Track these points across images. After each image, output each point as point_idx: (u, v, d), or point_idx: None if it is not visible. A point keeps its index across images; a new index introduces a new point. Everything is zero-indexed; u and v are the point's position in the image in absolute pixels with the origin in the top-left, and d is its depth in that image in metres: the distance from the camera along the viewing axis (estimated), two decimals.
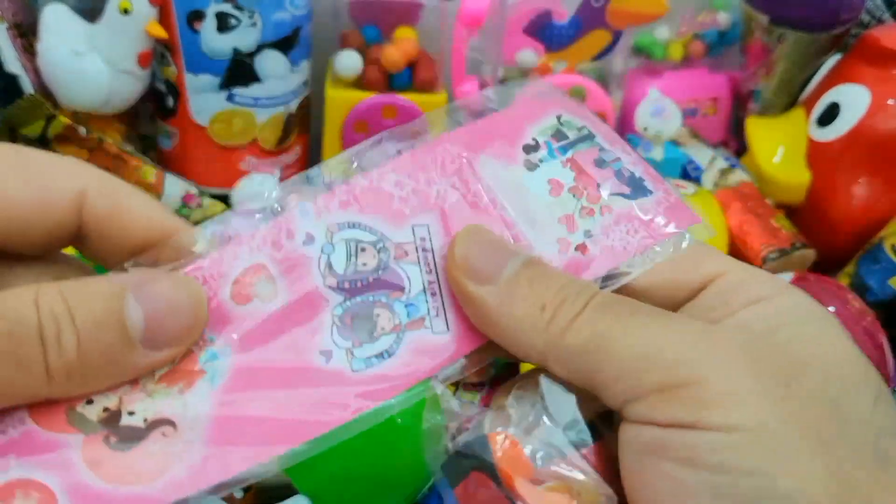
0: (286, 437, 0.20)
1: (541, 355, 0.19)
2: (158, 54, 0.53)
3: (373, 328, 0.21)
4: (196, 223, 0.61)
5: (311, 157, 0.61)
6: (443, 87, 0.57)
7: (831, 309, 0.42)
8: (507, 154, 0.23)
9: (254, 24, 0.51)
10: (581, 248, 0.22)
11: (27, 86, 0.49)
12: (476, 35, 0.54)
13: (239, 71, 0.52)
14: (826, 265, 0.52)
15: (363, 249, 0.22)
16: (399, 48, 0.54)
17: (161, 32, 0.51)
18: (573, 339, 0.18)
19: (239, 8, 0.50)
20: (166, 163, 0.57)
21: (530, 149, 0.24)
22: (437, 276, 0.22)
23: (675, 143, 0.58)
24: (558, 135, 0.24)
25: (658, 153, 0.57)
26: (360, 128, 0.55)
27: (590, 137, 0.24)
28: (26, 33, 0.49)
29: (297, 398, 0.20)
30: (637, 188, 0.23)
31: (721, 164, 0.56)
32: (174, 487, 0.19)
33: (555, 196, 0.23)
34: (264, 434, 0.20)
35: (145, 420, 0.19)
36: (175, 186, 0.55)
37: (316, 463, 0.41)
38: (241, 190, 0.57)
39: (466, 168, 0.23)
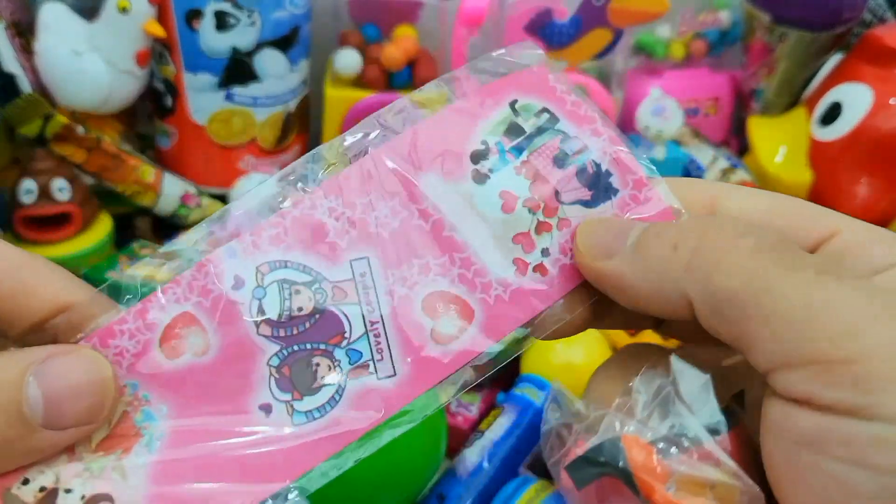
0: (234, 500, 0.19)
1: (683, 303, 0.17)
2: (157, 53, 0.53)
3: (312, 379, 0.19)
4: (194, 223, 0.61)
5: None
6: None
7: None
8: (453, 167, 0.21)
9: (253, 23, 0.51)
10: (539, 269, 0.20)
11: (25, 85, 0.49)
12: (476, 34, 0.53)
13: (238, 70, 0.52)
14: None
15: (297, 292, 0.20)
16: (399, 47, 0.54)
17: (159, 31, 0.50)
18: (723, 281, 0.16)
19: (238, 7, 0.50)
20: (165, 162, 0.57)
21: (479, 156, 0.21)
22: (381, 314, 0.20)
23: (676, 142, 0.57)
24: (512, 130, 0.21)
25: (660, 153, 0.57)
26: None
27: (550, 124, 0.22)
28: (24, 32, 0.49)
29: (237, 460, 0.19)
30: (600, 189, 0.21)
31: (723, 163, 0.56)
32: None
33: (508, 213, 0.21)
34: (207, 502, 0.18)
35: (83, 497, 0.18)
36: (174, 186, 0.55)
37: None
38: (240, 190, 0.57)
39: (408, 187, 0.21)
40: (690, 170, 0.57)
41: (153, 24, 0.50)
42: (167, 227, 0.58)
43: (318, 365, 0.19)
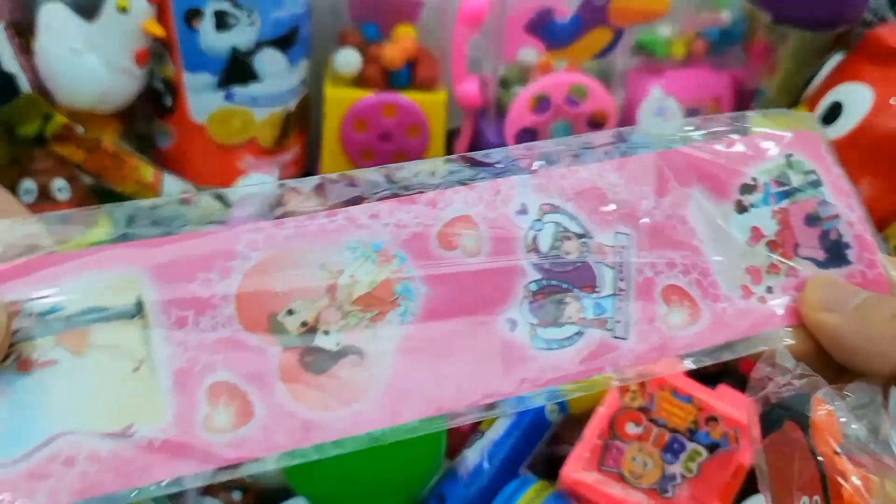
0: (454, 400, 0.21)
1: (889, 364, 0.21)
2: (156, 53, 0.53)
3: (559, 314, 0.22)
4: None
5: (310, 156, 0.60)
6: (443, 85, 0.56)
7: None
8: (721, 190, 0.24)
9: (252, 23, 0.51)
10: (761, 300, 0.23)
11: (24, 85, 0.49)
12: (476, 33, 0.53)
13: (237, 69, 0.52)
14: None
15: (568, 238, 0.23)
16: (399, 46, 0.54)
17: (159, 31, 0.50)
18: None
19: (237, 6, 0.50)
20: (164, 162, 0.57)
21: (747, 189, 0.24)
22: (629, 286, 0.23)
23: None
24: (781, 178, 0.25)
25: None
26: (360, 126, 0.55)
27: (814, 185, 0.25)
28: (23, 32, 0.49)
29: (474, 355, 0.21)
30: (835, 256, 0.24)
31: None
32: (360, 422, 0.20)
33: (751, 245, 0.24)
34: (435, 390, 0.20)
35: (337, 344, 0.20)
36: (173, 186, 0.55)
37: (315, 465, 0.41)
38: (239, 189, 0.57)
39: (677, 193, 0.24)
40: None
41: (152, 23, 0.50)
42: None
43: (567, 304, 0.22)
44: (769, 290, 0.23)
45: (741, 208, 0.24)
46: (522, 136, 0.55)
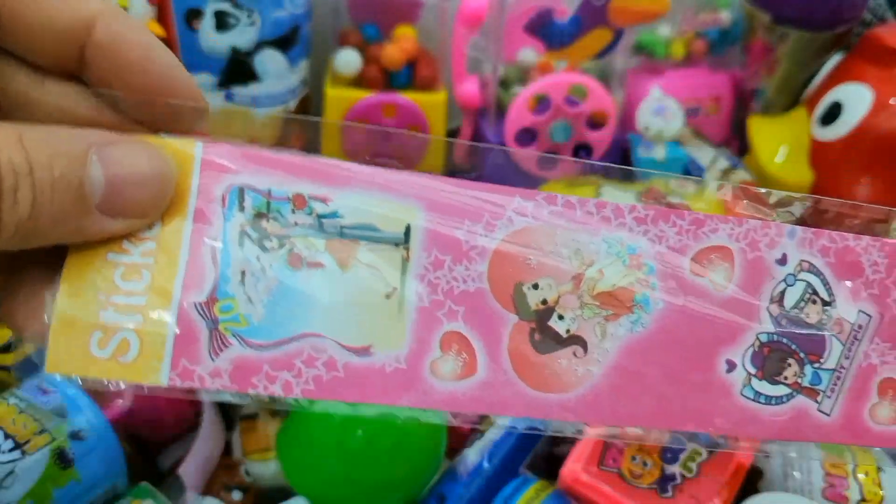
0: (652, 417, 0.21)
1: None
2: None
3: (778, 372, 0.22)
4: None
5: None
6: (443, 85, 0.56)
7: None
8: None
9: (252, 23, 0.51)
10: None
11: None
12: (476, 33, 0.53)
13: (237, 70, 0.52)
14: None
15: (814, 302, 0.23)
16: (399, 46, 0.54)
17: (159, 31, 0.50)
18: None
19: (237, 6, 0.50)
20: None
21: None
22: (850, 365, 0.23)
23: (676, 142, 0.57)
24: None
25: (660, 153, 0.57)
26: None
27: None
28: None
29: (684, 382, 0.21)
30: None
31: (723, 164, 0.56)
32: (562, 411, 0.20)
33: None
34: (638, 404, 0.21)
35: (567, 331, 0.21)
36: None
37: (315, 464, 0.41)
38: None
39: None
40: (691, 170, 0.57)
41: (152, 24, 0.50)
42: None
43: (789, 365, 0.22)
44: None
45: None
46: (522, 136, 0.55)
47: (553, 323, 0.21)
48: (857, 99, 0.52)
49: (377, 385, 0.20)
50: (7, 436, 0.35)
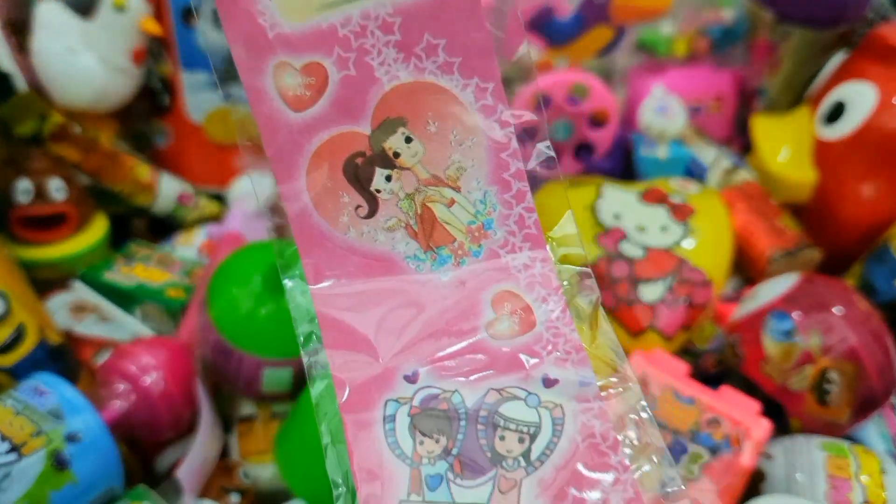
0: None
1: None
2: (153, 51, 0.52)
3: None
4: (191, 223, 0.61)
5: None
6: None
7: (837, 310, 0.41)
8: None
9: None
10: None
11: (21, 84, 0.49)
12: None
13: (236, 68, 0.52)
14: (832, 266, 0.52)
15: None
16: None
17: (156, 29, 0.50)
18: None
19: None
20: (161, 161, 0.57)
21: None
22: None
23: (679, 141, 0.57)
24: None
25: (662, 152, 0.56)
26: None
27: None
28: (20, 31, 0.49)
29: None
30: None
31: (725, 162, 0.56)
32: None
33: None
34: None
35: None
36: (170, 186, 0.55)
37: (313, 467, 0.40)
38: (238, 189, 0.57)
39: None
40: (693, 169, 0.57)
41: (149, 21, 0.50)
42: (164, 227, 0.57)
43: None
44: None
45: None
46: (522, 136, 0.55)
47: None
48: (860, 98, 0.51)
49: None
50: (3, 438, 0.34)
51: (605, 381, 0.28)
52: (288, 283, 0.30)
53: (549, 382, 0.28)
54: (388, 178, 0.30)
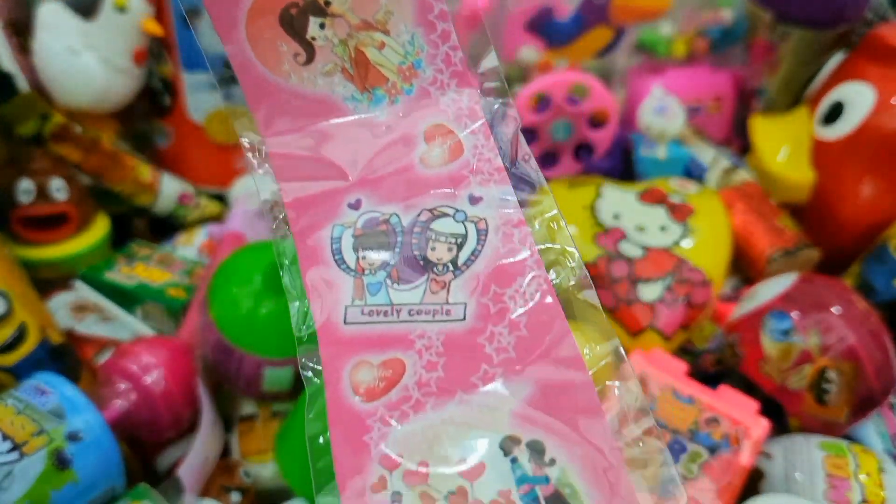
0: None
1: None
2: (154, 52, 0.53)
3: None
4: (192, 223, 0.61)
5: None
6: None
7: (836, 310, 0.41)
8: None
9: None
10: None
11: (22, 84, 0.49)
12: (475, 31, 0.53)
13: None
14: (831, 266, 0.52)
15: None
16: None
17: (157, 29, 0.50)
18: None
19: None
20: (162, 161, 0.57)
21: None
22: None
23: (678, 141, 0.57)
24: None
25: (661, 152, 0.56)
26: None
27: None
28: (21, 31, 0.49)
29: None
30: None
31: (724, 163, 0.56)
32: None
33: None
34: None
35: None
36: (171, 186, 0.55)
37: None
38: (238, 189, 0.57)
39: None
40: (692, 169, 0.57)
41: (150, 22, 0.50)
42: (165, 227, 0.57)
43: None
44: None
45: None
46: (522, 136, 0.55)
47: None
48: (859, 98, 0.51)
49: None
50: (5, 437, 0.34)
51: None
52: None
53: (474, 200, 0.32)
54: (322, 26, 0.32)
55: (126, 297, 0.49)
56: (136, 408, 0.40)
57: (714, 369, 0.46)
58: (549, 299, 0.29)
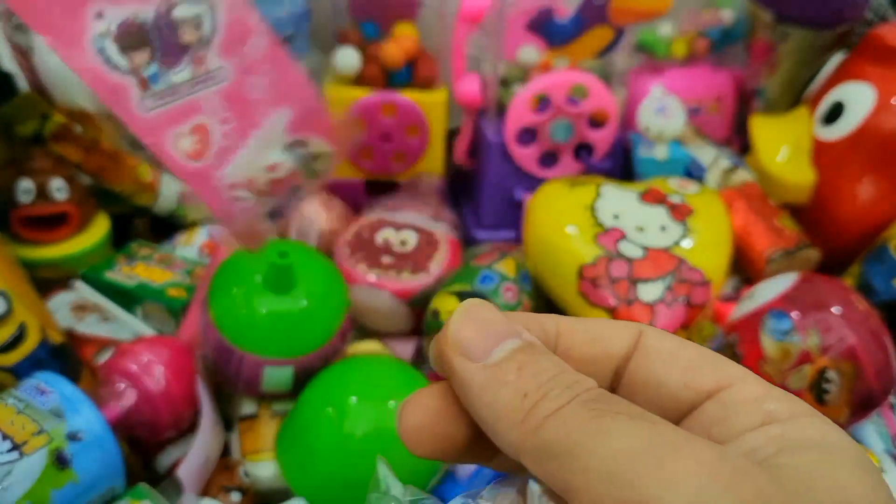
0: None
1: (514, 448, 0.16)
2: None
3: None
4: (193, 222, 0.61)
5: None
6: (443, 83, 0.56)
7: (836, 310, 0.41)
8: None
9: None
10: None
11: (22, 84, 0.49)
12: (476, 31, 0.53)
13: None
14: (830, 266, 0.52)
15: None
16: (398, 45, 0.53)
17: None
18: (546, 435, 0.16)
19: None
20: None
21: None
22: None
23: (678, 142, 0.57)
24: None
25: (661, 152, 0.56)
26: (359, 125, 0.55)
27: None
28: (21, 32, 0.49)
29: None
30: None
31: (724, 163, 0.56)
32: None
33: None
34: None
35: None
36: (172, 185, 0.55)
37: (314, 466, 0.40)
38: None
39: None
40: (692, 169, 0.57)
41: None
42: (165, 227, 0.57)
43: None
44: None
45: None
46: (523, 136, 0.55)
47: None
48: (859, 98, 0.51)
49: None
50: (5, 437, 0.34)
51: None
52: None
53: None
54: None
55: (126, 297, 0.49)
56: (136, 407, 0.40)
57: None
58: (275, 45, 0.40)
